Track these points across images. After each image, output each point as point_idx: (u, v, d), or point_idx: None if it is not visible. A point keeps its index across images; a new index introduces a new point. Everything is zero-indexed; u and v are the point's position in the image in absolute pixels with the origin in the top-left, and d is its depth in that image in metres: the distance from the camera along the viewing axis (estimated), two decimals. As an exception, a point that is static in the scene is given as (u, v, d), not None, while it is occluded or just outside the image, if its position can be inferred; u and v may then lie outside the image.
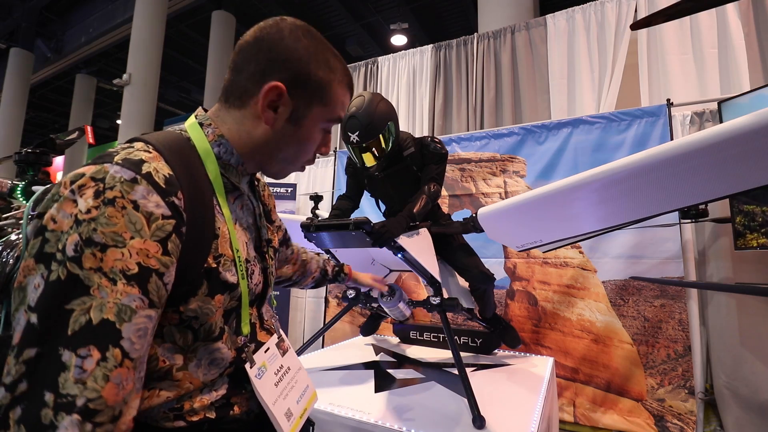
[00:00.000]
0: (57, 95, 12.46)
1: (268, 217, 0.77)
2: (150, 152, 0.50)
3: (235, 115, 0.60)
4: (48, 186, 0.62)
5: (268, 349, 0.65)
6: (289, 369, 0.68)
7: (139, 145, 0.51)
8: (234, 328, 0.59)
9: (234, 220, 0.61)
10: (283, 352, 0.69)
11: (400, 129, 1.73)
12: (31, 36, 9.94)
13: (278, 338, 0.69)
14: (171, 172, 0.50)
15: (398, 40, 8.13)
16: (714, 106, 2.36)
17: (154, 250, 0.45)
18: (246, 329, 0.60)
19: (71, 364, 0.39)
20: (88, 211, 0.42)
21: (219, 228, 0.55)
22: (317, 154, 0.67)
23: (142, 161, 0.48)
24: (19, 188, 1.66)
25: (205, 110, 0.63)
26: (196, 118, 0.61)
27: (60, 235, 0.42)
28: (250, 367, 0.60)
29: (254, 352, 0.62)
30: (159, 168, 0.48)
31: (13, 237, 0.62)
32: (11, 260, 0.58)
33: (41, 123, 14.51)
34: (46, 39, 10.24)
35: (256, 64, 0.57)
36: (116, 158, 0.47)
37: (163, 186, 0.47)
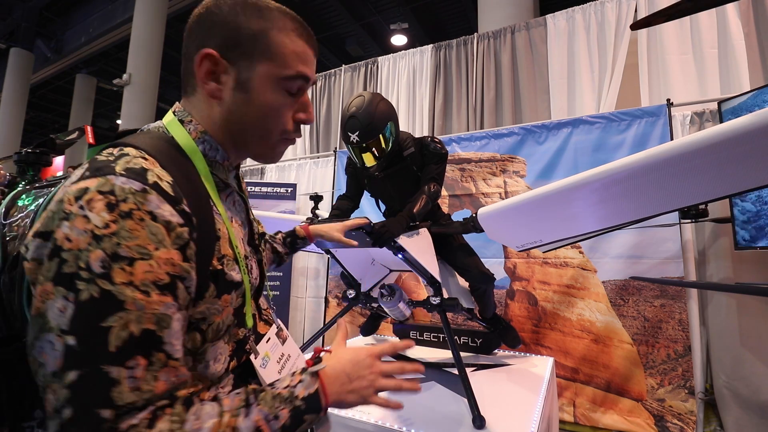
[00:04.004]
0: (57, 95, 12.46)
1: None
2: (146, 159, 0.49)
3: (194, 103, 0.58)
4: (16, 192, 0.59)
5: (269, 339, 0.67)
6: (290, 356, 0.70)
7: (133, 151, 0.49)
8: (237, 322, 0.59)
9: (230, 217, 0.61)
10: (283, 341, 0.71)
11: (400, 129, 1.73)
12: (31, 36, 9.94)
13: (277, 328, 0.70)
14: (171, 179, 0.49)
15: (398, 40, 8.13)
16: (714, 106, 2.36)
17: (177, 258, 0.46)
18: (250, 322, 0.61)
19: (122, 377, 0.40)
20: (106, 225, 0.42)
21: (219, 229, 0.55)
22: (300, 123, 0.61)
23: (145, 170, 0.47)
24: (19, 189, 1.66)
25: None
26: (174, 115, 0.59)
27: (78, 254, 0.41)
28: (255, 358, 0.61)
29: (257, 343, 0.64)
30: (161, 175, 0.48)
31: None
32: None
33: (41, 123, 14.51)
34: (46, 39, 10.23)
35: (190, 43, 0.56)
36: (117, 169, 0.45)
37: (172, 194, 0.47)
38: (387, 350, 0.60)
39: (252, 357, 0.61)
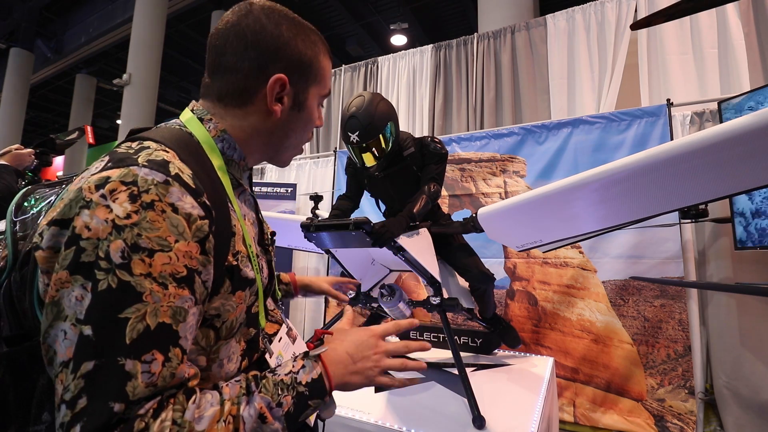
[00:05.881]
0: (57, 95, 12.46)
1: None
2: (167, 151, 0.49)
3: (236, 113, 0.59)
4: (26, 189, 0.58)
5: (281, 338, 0.67)
6: None
7: (153, 144, 0.50)
8: (248, 321, 0.59)
9: (243, 215, 0.61)
10: (293, 340, 0.71)
11: (400, 129, 1.73)
12: (31, 36, 9.94)
13: (287, 327, 0.70)
14: (191, 172, 0.49)
15: (398, 40, 8.13)
16: (714, 106, 2.36)
17: (195, 251, 0.45)
18: (263, 322, 0.61)
19: (137, 371, 0.39)
20: (128, 216, 0.42)
21: (234, 225, 0.55)
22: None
23: (166, 162, 0.47)
24: (30, 187, 1.66)
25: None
26: (193, 113, 0.59)
27: (98, 243, 0.41)
28: (270, 357, 0.61)
29: (269, 342, 0.64)
30: (182, 168, 0.48)
31: None
32: None
33: (41, 123, 14.51)
34: (46, 39, 10.23)
35: (250, 61, 0.57)
36: (140, 160, 0.46)
37: (193, 186, 0.47)
38: (391, 330, 0.61)
39: (267, 356, 0.61)
